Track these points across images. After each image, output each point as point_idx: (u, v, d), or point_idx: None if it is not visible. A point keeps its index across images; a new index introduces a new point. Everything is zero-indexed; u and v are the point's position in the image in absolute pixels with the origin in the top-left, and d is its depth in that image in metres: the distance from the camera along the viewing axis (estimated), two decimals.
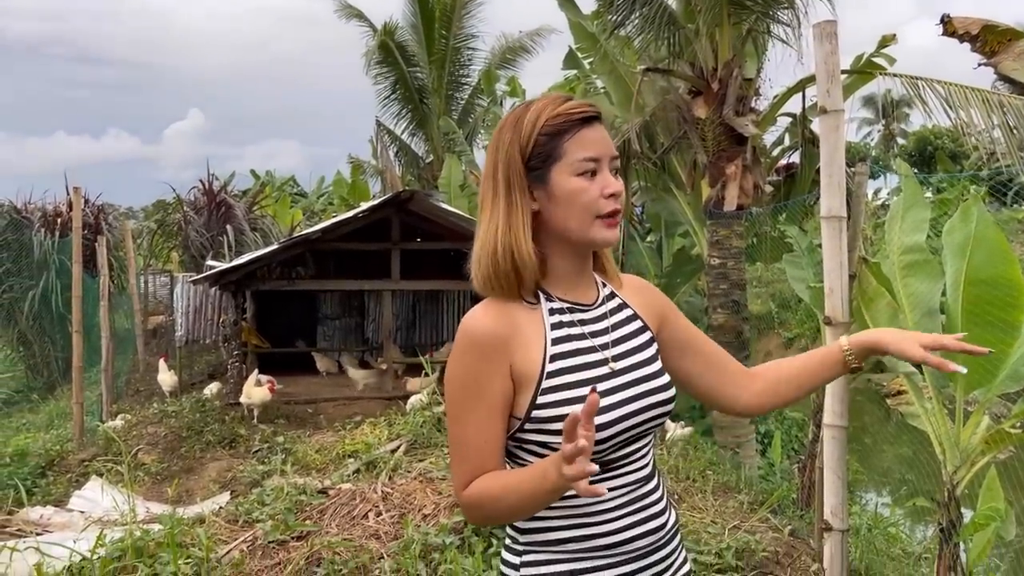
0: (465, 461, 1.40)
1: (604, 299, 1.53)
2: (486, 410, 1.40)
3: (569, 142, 1.41)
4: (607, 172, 1.43)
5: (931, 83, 6.02)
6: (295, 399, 9.59)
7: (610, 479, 1.42)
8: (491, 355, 1.40)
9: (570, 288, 1.49)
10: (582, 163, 1.40)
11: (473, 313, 1.45)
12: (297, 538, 4.04)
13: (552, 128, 1.41)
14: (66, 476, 7.10)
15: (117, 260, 15.78)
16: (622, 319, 1.52)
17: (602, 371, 1.43)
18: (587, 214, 1.41)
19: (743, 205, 7.85)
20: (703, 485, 5.05)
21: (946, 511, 3.45)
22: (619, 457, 1.44)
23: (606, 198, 1.41)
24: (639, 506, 1.45)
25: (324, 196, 31.04)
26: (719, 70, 7.80)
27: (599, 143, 1.42)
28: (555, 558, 1.42)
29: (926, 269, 3.49)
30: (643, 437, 1.47)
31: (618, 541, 1.42)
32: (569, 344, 1.43)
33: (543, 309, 1.45)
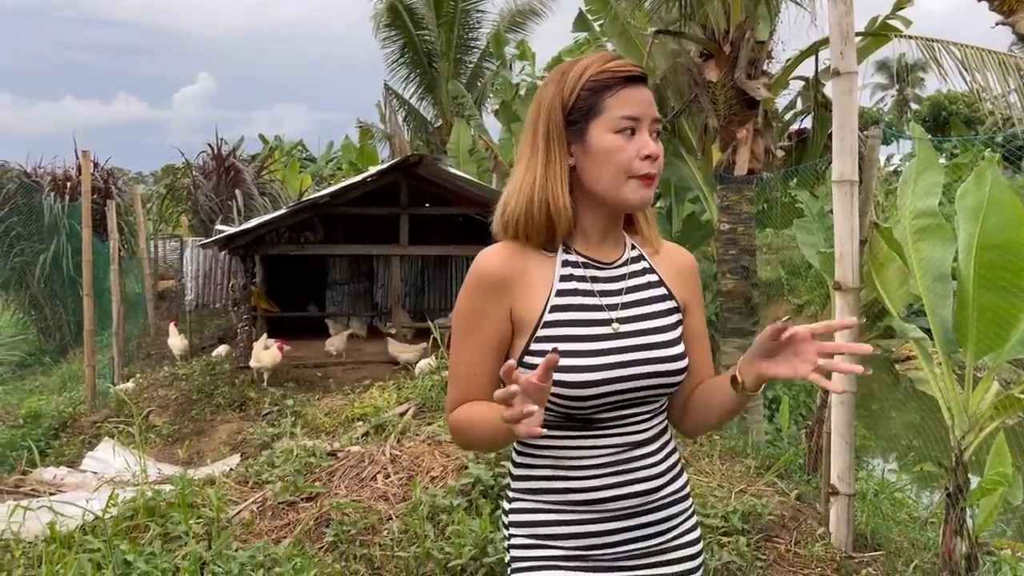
0: (455, 387, 1.48)
1: (628, 260, 1.52)
2: (479, 345, 1.44)
3: (610, 99, 1.41)
4: (646, 133, 1.42)
5: (947, 45, 5.93)
6: (304, 363, 9.64)
7: (593, 438, 1.43)
8: (491, 294, 1.43)
9: (593, 245, 1.49)
10: (621, 120, 1.40)
11: (486, 252, 1.47)
12: (306, 499, 4.08)
13: (595, 84, 1.42)
14: (79, 438, 7.19)
15: (127, 224, 15.81)
16: (642, 283, 1.51)
17: (602, 330, 1.43)
18: (620, 173, 1.41)
19: (754, 170, 7.78)
20: (710, 450, 5.07)
21: (953, 476, 3.45)
22: (608, 419, 1.43)
23: (642, 159, 1.41)
24: (624, 468, 1.44)
25: (333, 161, 30.97)
26: (731, 32, 7.69)
27: (640, 103, 1.42)
28: (538, 507, 1.46)
29: (938, 234, 3.46)
30: (640, 403, 1.45)
31: (597, 499, 1.43)
32: (574, 298, 1.44)
33: (558, 259, 1.46)
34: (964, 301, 3.26)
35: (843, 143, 3.57)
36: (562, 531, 1.45)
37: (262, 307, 11.48)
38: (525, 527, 1.48)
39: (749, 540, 3.50)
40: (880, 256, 3.84)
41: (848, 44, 3.63)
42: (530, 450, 1.47)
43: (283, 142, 32.68)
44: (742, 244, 7.77)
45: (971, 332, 3.27)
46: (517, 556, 1.49)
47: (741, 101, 7.77)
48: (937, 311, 3.47)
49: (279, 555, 3.36)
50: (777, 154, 8.11)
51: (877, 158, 4.29)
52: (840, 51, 3.62)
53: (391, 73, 18.71)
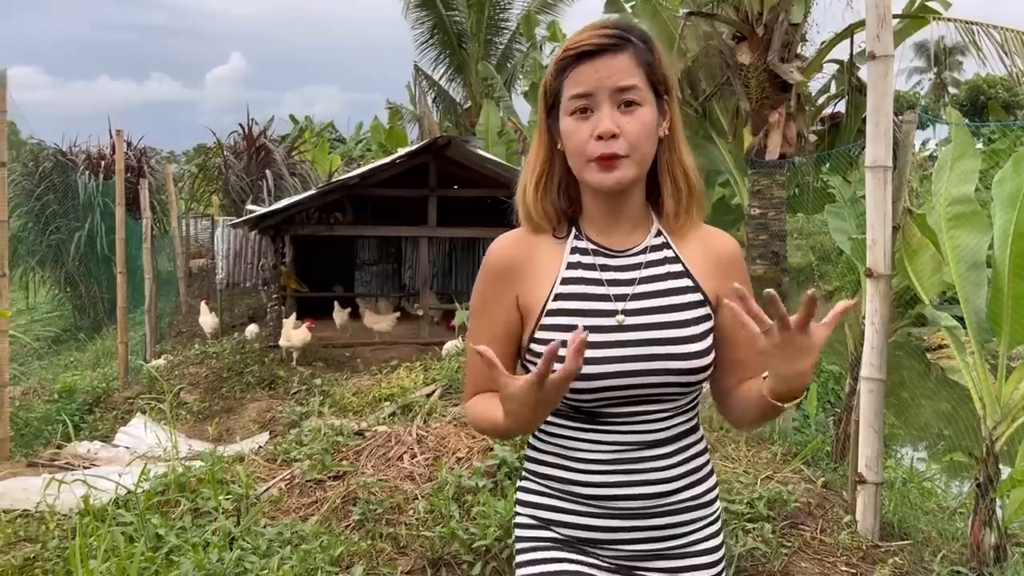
0: (470, 374, 1.48)
1: (648, 248, 1.41)
2: (487, 332, 1.41)
3: (567, 80, 1.33)
4: (605, 110, 1.30)
5: (987, 28, 5.81)
6: (333, 343, 9.72)
7: (599, 432, 1.37)
8: (498, 282, 1.42)
9: (602, 230, 1.41)
10: (570, 101, 1.32)
11: (497, 239, 1.46)
12: (334, 478, 4.12)
13: (558, 66, 1.35)
14: (112, 413, 7.32)
15: (159, 203, 16.00)
16: (660, 273, 1.39)
17: (606, 321, 1.35)
18: (579, 157, 1.33)
19: (785, 154, 7.68)
20: (736, 435, 5.05)
21: (984, 467, 3.41)
22: (615, 414, 1.36)
23: (596, 140, 1.30)
24: (629, 468, 1.36)
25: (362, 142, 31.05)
26: (765, 15, 7.57)
27: (590, 78, 1.30)
28: (542, 489, 1.44)
29: (974, 221, 3.41)
30: (653, 401, 1.36)
31: (597, 495, 1.37)
32: (579, 286, 1.37)
33: (567, 245, 1.41)
34: (999, 290, 3.21)
35: (877, 128, 3.51)
36: (563, 519, 1.41)
37: (291, 287, 11.58)
38: (530, 507, 1.46)
39: (774, 527, 3.48)
40: (913, 243, 3.79)
41: (884, 27, 3.57)
42: (541, 435, 1.44)
43: (312, 123, 32.81)
44: (773, 229, 7.69)
45: (1005, 321, 3.23)
46: (520, 536, 1.47)
47: (774, 84, 7.65)
48: (971, 299, 3.43)
49: (306, 532, 3.41)
50: (809, 138, 7.99)
51: (912, 143, 4.22)
52: (876, 34, 3.56)
53: (421, 54, 18.71)
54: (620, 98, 1.30)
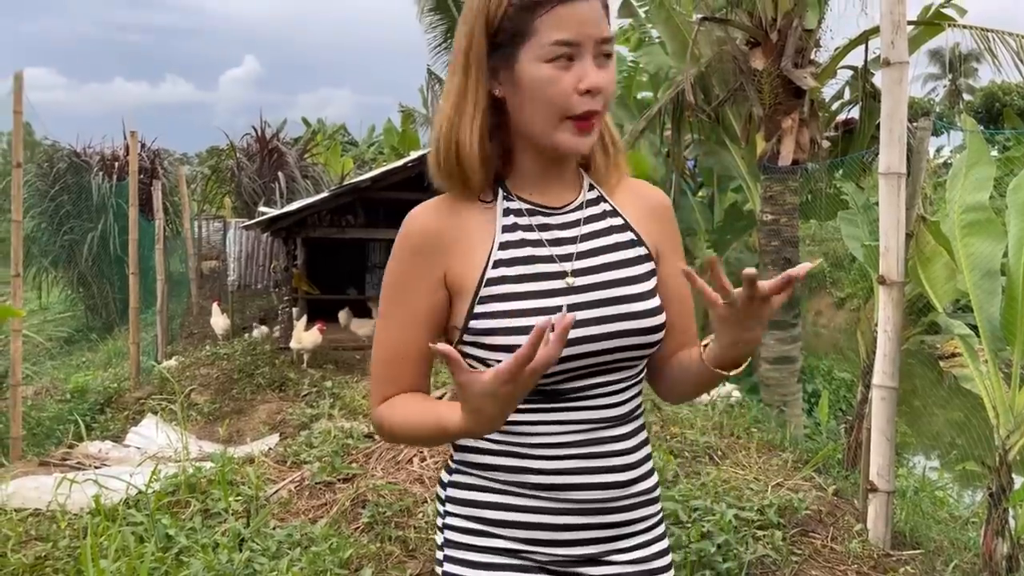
0: (381, 372, 1.27)
1: (584, 204, 1.28)
2: (409, 317, 1.24)
3: (542, 18, 1.14)
4: (588, 60, 1.15)
5: (1002, 36, 5.79)
6: (343, 345, 9.73)
7: (559, 411, 1.21)
8: (420, 258, 1.23)
9: (537, 188, 1.27)
10: (553, 47, 1.14)
11: (415, 209, 1.28)
12: (343, 480, 4.13)
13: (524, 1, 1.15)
14: (123, 413, 7.35)
15: (172, 204, 16.09)
16: (602, 228, 1.27)
17: (555, 284, 1.21)
18: (553, 111, 1.16)
19: (798, 160, 7.67)
20: (747, 442, 5.03)
21: (997, 476, 3.39)
22: (570, 390, 1.21)
23: (581, 94, 1.15)
24: (593, 451, 1.21)
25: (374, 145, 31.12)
26: (778, 20, 7.57)
27: (579, 22, 1.14)
28: (484, 484, 1.25)
29: (988, 229, 3.39)
30: (610, 371, 1.22)
31: (557, 484, 1.21)
32: (519, 250, 1.22)
33: (498, 208, 1.24)
34: (1013, 298, 3.20)
35: (891, 134, 3.50)
36: (509, 517, 1.23)
37: (303, 289, 11.60)
38: (466, 506, 1.26)
39: (785, 534, 3.47)
40: (926, 251, 3.77)
41: (899, 33, 3.55)
42: None
43: (325, 125, 32.91)
44: (785, 235, 7.68)
45: (1020, 330, 3.21)
46: (453, 540, 1.27)
47: (787, 90, 7.65)
48: (984, 308, 3.41)
49: (316, 534, 3.42)
50: (823, 144, 7.99)
51: (926, 150, 4.21)
52: (891, 40, 3.55)
53: (434, 58, 18.70)
54: (601, 49, 1.17)
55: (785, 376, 7.63)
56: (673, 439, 4.81)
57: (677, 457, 4.47)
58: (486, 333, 1.19)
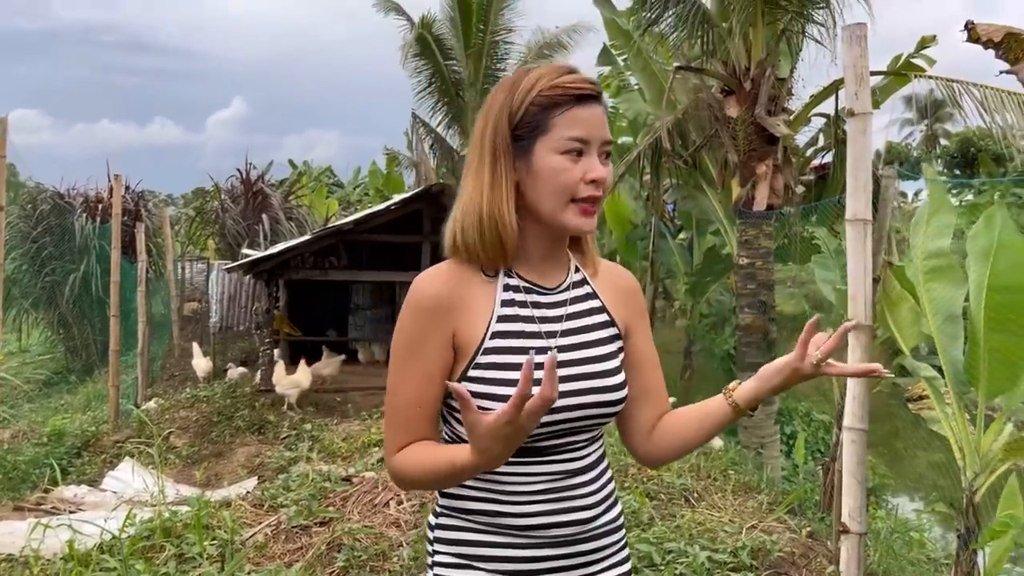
0: (396, 424, 1.38)
1: (571, 285, 1.46)
2: (422, 373, 1.36)
3: (559, 117, 1.34)
4: (595, 156, 1.35)
5: (967, 86, 5.96)
6: (324, 387, 9.72)
7: (532, 464, 1.37)
8: (434, 318, 1.36)
9: (534, 268, 1.43)
10: (568, 141, 1.33)
11: (426, 273, 1.42)
12: (320, 524, 4.13)
13: (545, 99, 1.34)
14: (100, 457, 7.29)
15: (155, 246, 16.08)
16: (584, 309, 1.45)
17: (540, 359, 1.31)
18: (563, 195, 1.34)
19: (773, 205, 7.81)
20: (724, 484, 5.06)
21: (964, 517, 3.44)
22: (548, 447, 1.37)
23: (587, 183, 1.34)
24: (560, 496, 1.38)
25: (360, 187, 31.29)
26: (752, 69, 7.76)
27: (590, 124, 1.35)
28: (467, 525, 1.40)
29: (949, 274, 3.48)
30: (580, 431, 1.40)
31: (531, 525, 1.37)
32: (514, 324, 1.37)
33: (499, 283, 1.40)
34: (975, 342, 3.27)
35: (857, 182, 3.59)
36: (491, 553, 1.38)
37: (284, 331, 11.61)
38: (453, 544, 1.41)
39: None
40: (893, 295, 3.86)
41: (863, 85, 3.67)
42: None
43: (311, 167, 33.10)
44: (760, 279, 7.79)
45: (982, 373, 3.28)
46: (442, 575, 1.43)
47: (761, 137, 7.82)
48: (948, 351, 3.49)
49: None
50: (797, 190, 8.14)
51: (892, 197, 4.32)
52: (855, 92, 3.66)
53: (419, 102, 18.92)
54: (604, 150, 1.38)
55: (762, 418, 7.68)
56: (650, 481, 4.84)
57: (653, 499, 4.50)
58: (476, 396, 1.31)
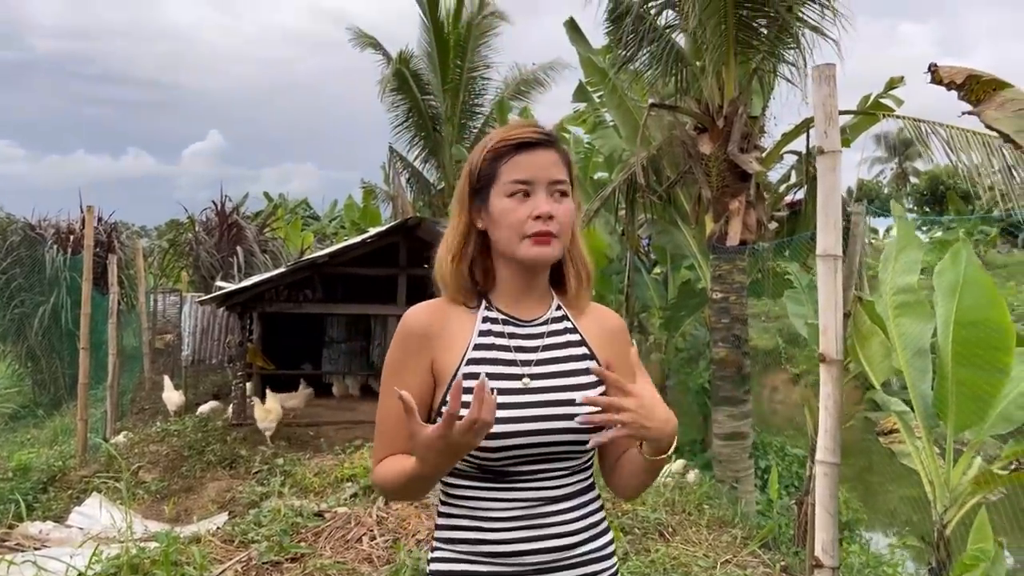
0: (381, 439, 1.52)
1: (550, 320, 1.56)
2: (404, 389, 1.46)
3: (505, 165, 1.48)
4: (541, 195, 1.47)
5: (933, 126, 6.09)
6: (297, 422, 9.63)
7: (506, 490, 1.46)
8: (414, 347, 1.50)
9: (513, 302, 1.55)
10: (511, 185, 1.47)
11: (416, 306, 1.56)
12: (291, 560, 4.07)
13: (493, 153, 1.50)
14: (67, 492, 7.15)
15: (127, 278, 15.91)
16: (561, 342, 1.54)
17: (512, 384, 1.47)
18: (514, 233, 1.47)
19: (746, 241, 7.90)
20: (698, 519, 5.06)
21: (935, 551, 3.47)
22: (521, 472, 1.46)
23: (533, 219, 1.46)
24: (536, 523, 1.45)
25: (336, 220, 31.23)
26: (725, 107, 7.90)
27: (532, 167, 1.48)
28: (454, 556, 1.48)
29: (917, 310, 3.54)
30: (554, 459, 1.47)
31: (508, 551, 1.44)
32: (490, 352, 1.49)
33: (479, 315, 1.53)
34: (943, 376, 3.33)
35: (827, 219, 3.65)
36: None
37: (258, 364, 11.50)
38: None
39: None
40: (863, 330, 3.91)
41: (832, 124, 3.74)
42: (450, 500, 1.51)
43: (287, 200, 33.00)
44: (734, 313, 7.85)
45: (951, 407, 3.33)
46: None
47: (734, 174, 7.93)
48: (917, 385, 3.54)
49: None
50: (769, 226, 8.24)
51: (862, 233, 4.39)
52: (824, 131, 3.73)
53: (396, 136, 19.02)
54: (554, 188, 1.49)
55: (737, 452, 7.70)
56: (624, 515, 4.83)
57: (627, 534, 4.48)
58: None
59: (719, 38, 7.46)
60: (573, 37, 11.72)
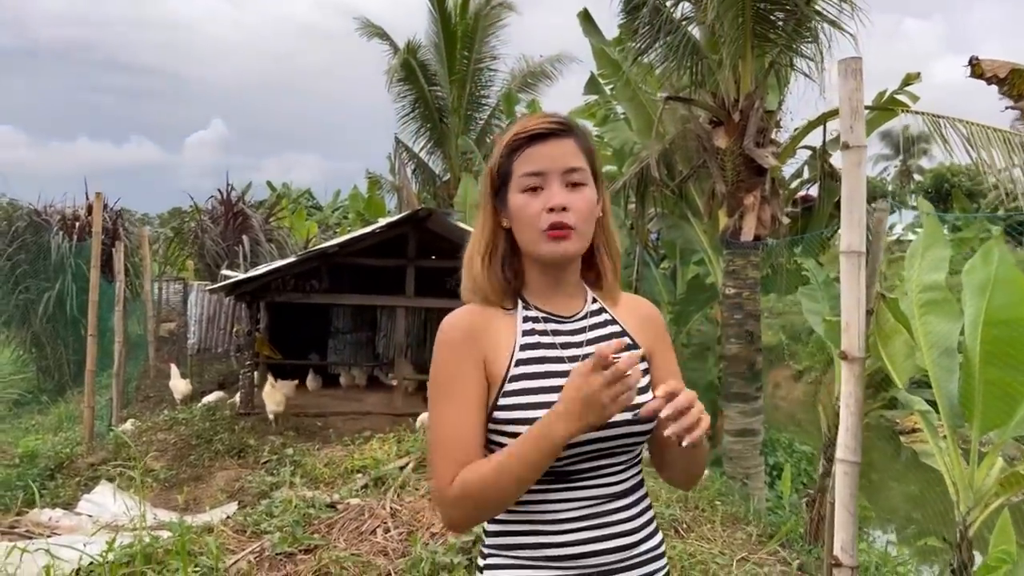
0: (446, 456, 1.38)
1: (589, 314, 1.53)
2: (462, 401, 1.40)
3: (518, 160, 1.44)
4: (555, 187, 1.42)
5: (953, 122, 6.05)
6: (305, 411, 9.61)
7: (569, 490, 1.41)
8: (464, 348, 1.43)
9: (547, 299, 1.51)
10: (523, 179, 1.43)
11: (451, 314, 1.50)
12: (305, 551, 4.05)
13: (508, 148, 1.46)
14: (74, 479, 7.12)
15: (132, 266, 15.88)
16: (605, 335, 1.51)
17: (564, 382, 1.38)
18: (532, 229, 1.43)
19: (760, 236, 7.85)
20: (712, 515, 5.03)
21: (958, 552, 3.43)
22: (583, 470, 1.42)
23: (547, 212, 1.41)
24: (600, 522, 1.42)
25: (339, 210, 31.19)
26: (741, 101, 7.83)
27: (543, 158, 1.43)
28: (513, 563, 1.43)
29: (945, 308, 3.49)
30: (614, 454, 1.44)
31: (572, 554, 1.40)
32: (536, 351, 1.45)
33: (518, 316, 1.48)
34: (970, 376, 3.28)
35: (851, 216, 3.61)
36: None
37: (265, 353, 11.48)
38: None
39: None
40: (886, 328, 3.87)
41: (858, 119, 3.70)
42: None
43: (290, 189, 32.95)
44: (747, 309, 7.80)
45: (977, 407, 3.29)
46: None
47: (749, 168, 7.87)
48: (943, 384, 3.49)
49: None
50: (783, 221, 8.19)
51: (884, 230, 4.35)
52: (850, 125, 3.69)
53: (402, 126, 18.97)
54: (568, 178, 1.44)
55: (748, 448, 7.67)
56: None
57: None
58: (507, 423, 1.40)
59: (736, 31, 7.39)
60: (587, 28, 11.65)
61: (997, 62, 3.01)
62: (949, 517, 3.56)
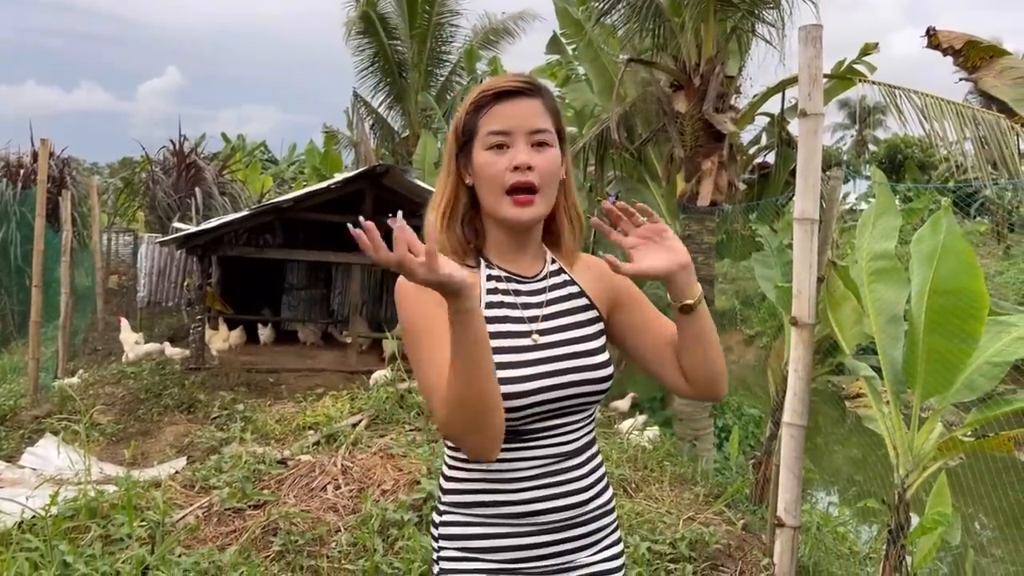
0: (436, 389, 1.33)
1: (548, 274, 1.54)
2: (440, 338, 1.35)
3: (484, 117, 1.44)
4: (521, 146, 1.42)
5: (908, 93, 6.10)
6: (257, 367, 9.51)
7: (524, 449, 1.43)
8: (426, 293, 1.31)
9: (509, 259, 1.52)
10: (489, 136, 1.43)
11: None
12: (254, 507, 4.03)
13: (474, 105, 1.46)
14: (18, 432, 6.97)
15: (80, 216, 15.47)
16: (563, 295, 1.53)
17: (523, 342, 1.45)
18: (495, 188, 1.43)
19: (716, 202, 7.91)
20: (660, 475, 5.12)
21: (895, 514, 3.53)
22: (536, 430, 1.44)
23: (511, 171, 1.41)
24: (554, 480, 1.44)
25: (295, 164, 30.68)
26: (702, 65, 7.83)
27: (510, 117, 1.43)
28: (468, 520, 1.47)
29: (893, 276, 3.56)
30: (568, 413, 1.46)
31: (528, 511, 1.43)
32: (499, 310, 1.47)
33: (481, 274, 1.49)
34: (914, 343, 3.35)
35: (807, 182, 3.64)
36: (492, 544, 1.45)
37: (216, 308, 11.33)
38: (455, 540, 1.48)
39: (696, 568, 3.54)
40: (836, 295, 3.93)
41: (816, 86, 3.71)
42: (462, 464, 1.47)
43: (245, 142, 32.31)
44: (701, 274, 7.87)
45: (919, 374, 3.36)
46: (447, 569, 1.49)
47: (708, 133, 7.90)
48: (888, 351, 3.57)
49: (224, 562, 3.32)
50: (739, 187, 8.25)
51: (838, 198, 4.39)
52: (808, 92, 3.70)
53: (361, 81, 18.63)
54: (534, 138, 1.44)
55: (697, 410, 7.80)
56: None
57: None
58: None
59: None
60: None
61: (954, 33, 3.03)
62: (889, 480, 3.66)
